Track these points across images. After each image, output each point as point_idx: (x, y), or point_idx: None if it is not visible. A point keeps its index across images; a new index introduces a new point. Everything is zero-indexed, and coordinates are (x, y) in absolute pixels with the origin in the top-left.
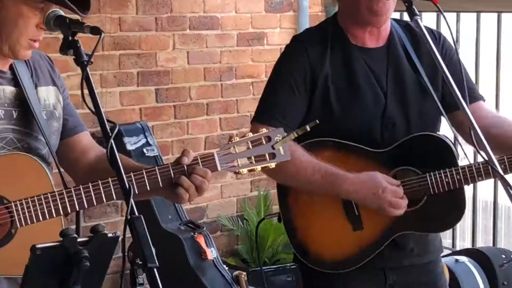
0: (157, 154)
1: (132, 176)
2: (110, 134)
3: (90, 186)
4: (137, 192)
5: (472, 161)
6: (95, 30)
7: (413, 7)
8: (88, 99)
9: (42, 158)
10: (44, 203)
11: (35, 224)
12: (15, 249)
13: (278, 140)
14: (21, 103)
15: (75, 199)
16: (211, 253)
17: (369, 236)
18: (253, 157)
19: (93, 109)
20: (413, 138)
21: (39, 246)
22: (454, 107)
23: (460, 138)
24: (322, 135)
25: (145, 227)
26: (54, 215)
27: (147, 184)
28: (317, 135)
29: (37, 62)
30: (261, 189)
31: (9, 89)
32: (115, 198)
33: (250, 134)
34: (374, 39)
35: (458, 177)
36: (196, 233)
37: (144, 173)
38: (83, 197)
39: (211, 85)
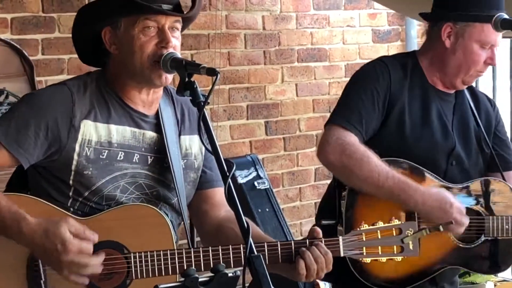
0: (268, 187)
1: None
2: (228, 174)
3: (210, 250)
4: None
5: None
6: (211, 71)
7: None
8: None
9: (172, 207)
10: (162, 259)
11: (150, 278)
12: None
13: (409, 234)
14: (160, 150)
15: (193, 260)
16: (324, 286)
17: (421, 263)
18: (380, 247)
19: (210, 149)
20: (485, 181)
21: (162, 286)
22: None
23: None
24: (391, 155)
25: (265, 266)
26: (170, 272)
27: (266, 257)
28: (385, 154)
29: (188, 109)
30: None
31: (150, 134)
32: (232, 266)
33: (381, 224)
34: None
35: None
36: None
37: (265, 246)
38: (201, 260)
39: (320, 116)
